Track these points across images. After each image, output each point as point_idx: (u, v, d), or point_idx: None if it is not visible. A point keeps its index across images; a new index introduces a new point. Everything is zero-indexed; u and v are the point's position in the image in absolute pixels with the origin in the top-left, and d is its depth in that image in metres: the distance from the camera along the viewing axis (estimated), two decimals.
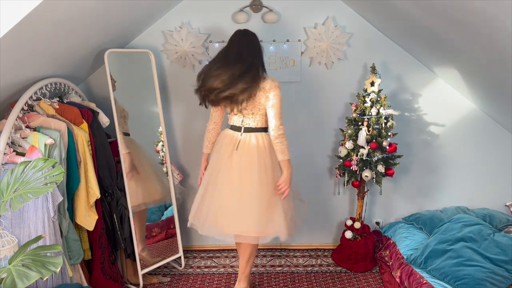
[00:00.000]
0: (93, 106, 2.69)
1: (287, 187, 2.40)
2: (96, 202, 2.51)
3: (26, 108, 2.31)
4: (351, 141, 2.91)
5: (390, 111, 2.91)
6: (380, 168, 2.86)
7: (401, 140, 3.11)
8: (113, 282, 2.64)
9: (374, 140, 2.86)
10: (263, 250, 3.40)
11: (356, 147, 2.89)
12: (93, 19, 2.27)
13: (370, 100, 2.88)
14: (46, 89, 2.44)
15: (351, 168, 2.90)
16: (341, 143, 3.01)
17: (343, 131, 3.01)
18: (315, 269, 3.13)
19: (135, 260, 2.81)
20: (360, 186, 3.01)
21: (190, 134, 3.27)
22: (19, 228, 2.03)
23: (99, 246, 2.58)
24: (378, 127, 2.88)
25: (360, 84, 3.14)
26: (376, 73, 2.93)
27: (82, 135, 2.40)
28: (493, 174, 3.25)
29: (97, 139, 2.54)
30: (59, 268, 1.57)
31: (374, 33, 3.08)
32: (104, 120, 2.67)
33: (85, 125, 2.48)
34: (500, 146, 3.20)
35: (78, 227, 2.50)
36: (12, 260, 1.59)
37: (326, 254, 3.36)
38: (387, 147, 2.87)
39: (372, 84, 2.91)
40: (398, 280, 2.70)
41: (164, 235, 3.15)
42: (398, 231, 3.09)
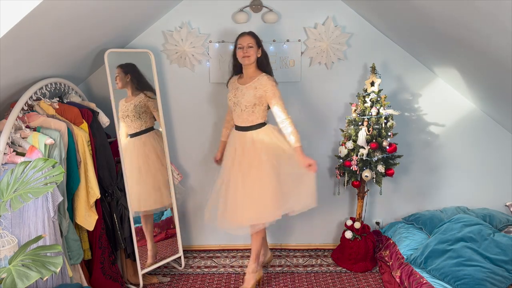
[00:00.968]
0: (93, 106, 2.69)
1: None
2: (96, 202, 2.51)
3: (26, 108, 2.31)
4: (351, 141, 2.91)
5: (390, 111, 2.91)
6: (380, 168, 2.86)
7: (401, 140, 3.11)
8: (113, 282, 2.64)
9: (374, 140, 2.86)
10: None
11: (356, 147, 2.89)
12: (93, 19, 2.27)
13: (370, 100, 2.88)
14: (46, 89, 2.44)
15: (351, 168, 2.90)
16: (341, 143, 3.01)
17: (343, 131, 3.02)
18: (315, 269, 3.13)
19: (135, 260, 2.81)
20: (360, 186, 3.01)
21: (190, 134, 3.27)
22: (19, 228, 2.03)
23: (99, 246, 2.57)
24: (378, 127, 2.88)
25: (360, 84, 3.14)
26: (376, 73, 2.93)
27: (82, 135, 2.40)
28: (493, 174, 3.25)
29: (97, 139, 2.54)
30: (59, 268, 1.57)
31: (374, 33, 3.08)
32: (104, 120, 2.67)
33: (85, 125, 2.48)
34: (500, 146, 3.20)
35: (78, 227, 2.50)
36: (12, 260, 1.59)
37: (326, 254, 3.36)
38: (387, 147, 2.87)
39: (372, 84, 2.91)
40: (398, 280, 2.70)
41: (164, 235, 3.15)
42: (398, 231, 3.09)
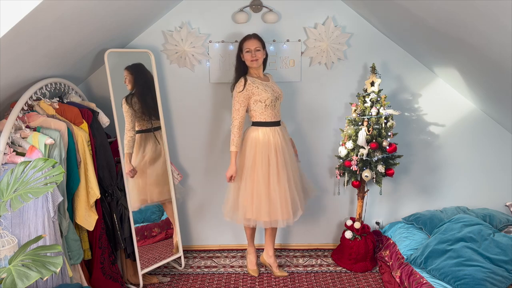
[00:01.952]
0: (93, 106, 2.69)
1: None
2: (96, 202, 2.51)
3: (26, 108, 2.31)
4: (351, 141, 2.91)
5: (390, 111, 2.91)
6: (380, 168, 2.86)
7: (401, 140, 3.11)
8: (113, 282, 2.64)
9: (374, 140, 2.86)
10: (263, 250, 3.40)
11: (356, 147, 2.89)
12: (93, 19, 2.27)
13: (370, 100, 2.88)
14: (46, 89, 2.44)
15: (351, 168, 2.90)
16: (341, 143, 3.01)
17: (343, 131, 3.02)
18: (315, 269, 3.13)
19: (135, 260, 2.81)
20: (360, 186, 3.01)
21: (190, 134, 3.27)
22: (19, 228, 2.03)
23: (99, 246, 2.58)
24: (378, 127, 2.88)
25: (360, 84, 3.14)
26: (376, 73, 2.93)
27: (82, 135, 2.40)
28: (493, 174, 3.25)
29: (97, 139, 2.54)
30: (59, 268, 1.57)
31: (374, 33, 3.08)
32: (104, 120, 2.67)
33: (85, 125, 2.48)
34: (500, 146, 3.20)
35: (78, 227, 2.50)
36: (12, 260, 1.58)
37: (326, 254, 3.36)
38: (387, 147, 2.87)
39: (372, 84, 2.91)
40: (398, 280, 2.70)
41: (164, 235, 3.15)
42: (398, 231, 3.09)
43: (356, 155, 2.89)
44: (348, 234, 3.09)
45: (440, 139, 3.24)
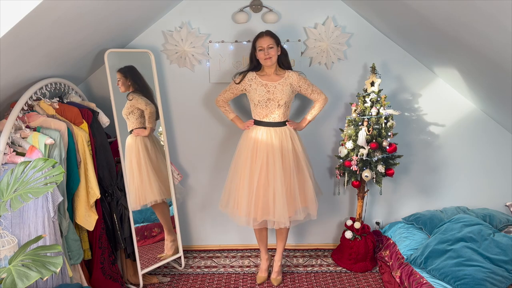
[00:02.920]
0: (93, 106, 2.69)
1: None
2: (96, 202, 2.51)
3: (26, 108, 2.31)
4: (351, 141, 2.91)
5: (390, 111, 2.91)
6: (380, 168, 2.86)
7: (401, 140, 3.11)
8: (113, 282, 2.64)
9: (374, 140, 2.86)
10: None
11: (356, 147, 2.89)
12: (93, 19, 2.27)
13: (370, 100, 2.88)
14: (46, 89, 2.44)
15: (351, 168, 2.90)
16: (341, 143, 3.01)
17: (343, 131, 3.01)
18: (315, 269, 3.13)
19: (135, 260, 2.81)
20: (360, 186, 3.01)
21: (190, 134, 3.27)
22: (19, 228, 2.03)
23: (99, 246, 2.58)
24: (378, 127, 2.88)
25: (360, 84, 3.14)
26: (376, 73, 2.93)
27: (82, 135, 2.40)
28: (493, 174, 3.25)
29: (97, 139, 2.55)
30: (59, 268, 1.57)
31: (374, 33, 3.08)
32: (104, 120, 2.67)
33: (85, 125, 2.48)
34: (500, 146, 3.20)
35: (78, 227, 2.50)
36: (12, 260, 1.58)
37: (326, 254, 3.36)
38: (387, 147, 2.87)
39: (372, 84, 2.91)
40: (398, 280, 2.70)
41: (164, 235, 3.14)
42: (398, 231, 3.09)
43: (356, 155, 2.89)
44: (348, 234, 3.09)
45: (440, 139, 3.24)
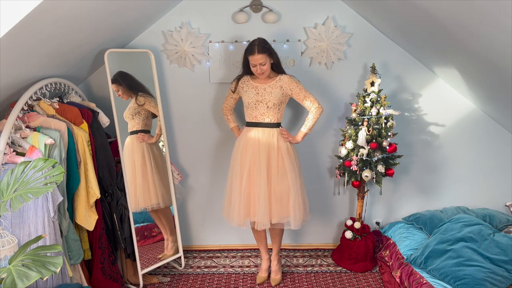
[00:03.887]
0: (93, 106, 2.69)
1: None
2: (96, 202, 2.51)
3: (26, 108, 2.31)
4: (351, 141, 2.91)
5: (390, 111, 2.91)
6: (380, 168, 2.86)
7: (401, 140, 3.11)
8: (113, 282, 2.64)
9: (374, 140, 2.86)
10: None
11: (356, 147, 2.89)
12: (93, 19, 2.27)
13: (370, 100, 2.88)
14: (46, 89, 2.44)
15: (351, 168, 2.90)
16: (341, 143, 3.01)
17: (343, 131, 3.01)
18: (315, 269, 3.13)
19: (135, 260, 2.81)
20: (360, 186, 3.01)
21: (190, 134, 3.27)
22: (19, 228, 2.03)
23: (99, 246, 2.58)
24: (378, 127, 2.88)
25: (360, 84, 3.14)
26: (376, 73, 2.93)
27: (82, 135, 2.40)
28: (493, 174, 3.25)
29: (97, 139, 2.55)
30: (59, 268, 1.57)
31: (374, 33, 3.08)
32: (104, 120, 2.67)
33: (85, 125, 2.48)
34: (500, 146, 3.20)
35: (78, 227, 2.50)
36: (12, 260, 1.58)
37: (326, 254, 3.36)
38: (387, 147, 2.87)
39: (372, 84, 2.91)
40: (398, 280, 2.70)
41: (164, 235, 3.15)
42: (398, 231, 3.09)
43: (356, 155, 2.89)
44: (348, 234, 3.09)
45: (440, 139, 3.24)
